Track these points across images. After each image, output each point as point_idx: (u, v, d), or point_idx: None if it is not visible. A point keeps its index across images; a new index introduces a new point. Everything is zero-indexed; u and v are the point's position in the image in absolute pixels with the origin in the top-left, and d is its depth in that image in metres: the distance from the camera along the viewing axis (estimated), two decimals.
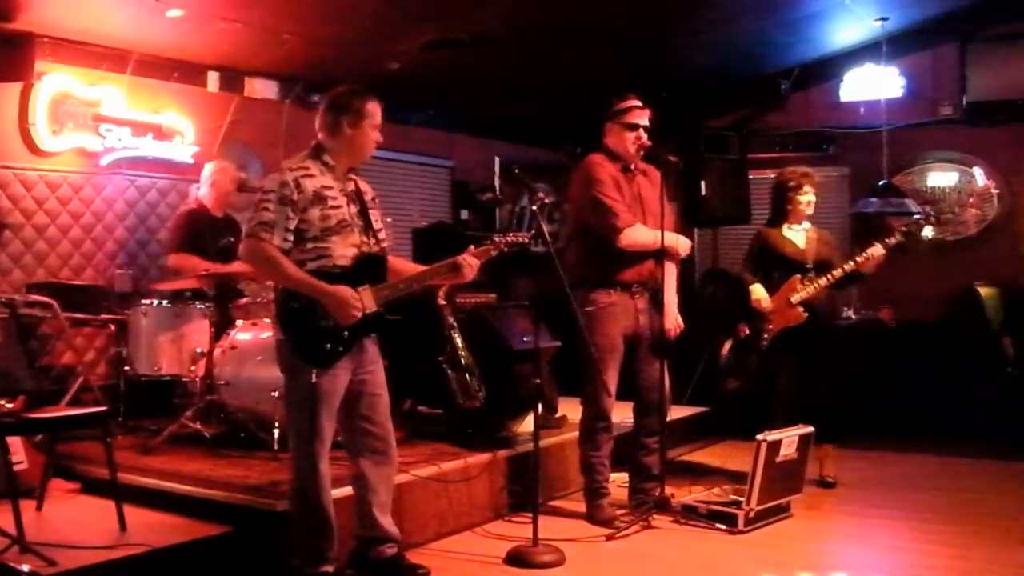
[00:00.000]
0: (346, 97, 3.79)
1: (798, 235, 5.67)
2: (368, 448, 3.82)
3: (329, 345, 3.63)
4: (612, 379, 4.76)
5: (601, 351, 4.68)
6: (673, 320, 4.89)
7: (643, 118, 4.85)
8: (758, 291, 5.58)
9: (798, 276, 5.52)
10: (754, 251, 5.76)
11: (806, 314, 5.49)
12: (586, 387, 4.83)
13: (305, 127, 3.87)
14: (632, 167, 4.89)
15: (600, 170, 4.80)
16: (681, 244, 4.91)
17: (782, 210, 5.70)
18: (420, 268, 3.97)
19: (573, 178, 4.94)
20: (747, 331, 5.65)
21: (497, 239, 4.00)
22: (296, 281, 3.62)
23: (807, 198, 5.64)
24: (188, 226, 5.83)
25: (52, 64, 5.92)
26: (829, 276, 5.47)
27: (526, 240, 4.11)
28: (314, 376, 3.59)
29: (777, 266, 5.60)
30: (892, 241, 5.46)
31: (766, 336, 5.56)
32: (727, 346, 5.80)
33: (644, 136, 4.83)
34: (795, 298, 5.49)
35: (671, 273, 4.90)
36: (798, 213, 5.66)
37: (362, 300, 3.67)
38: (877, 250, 5.41)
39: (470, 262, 3.86)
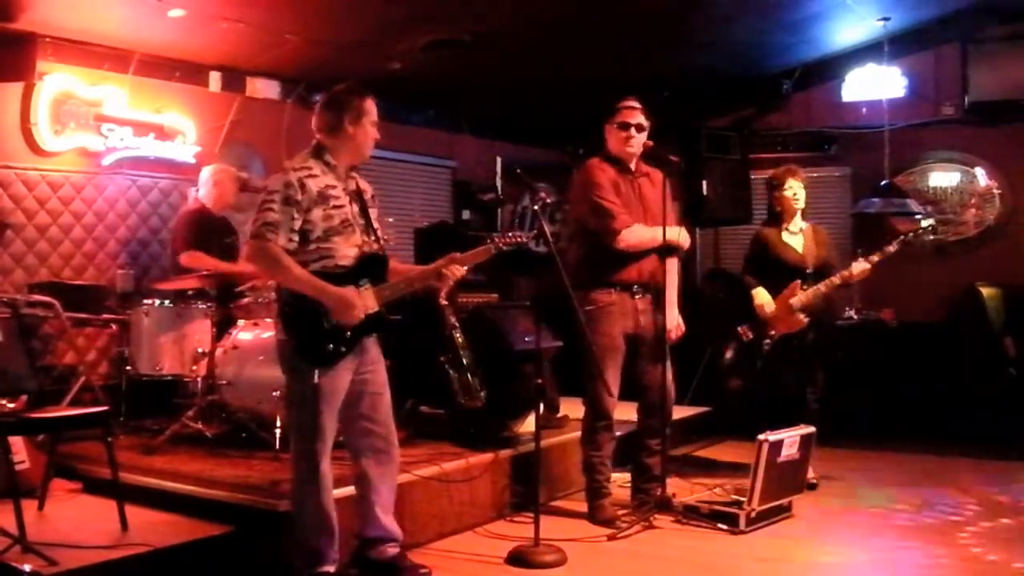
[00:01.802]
0: (345, 96, 3.79)
1: (796, 238, 5.68)
2: (370, 448, 3.82)
3: (331, 345, 3.64)
4: (613, 379, 4.76)
5: (602, 350, 4.68)
6: (673, 321, 4.90)
7: (634, 116, 4.85)
8: (762, 295, 5.58)
9: (798, 282, 5.53)
10: (754, 253, 5.75)
11: (807, 320, 5.53)
12: (587, 387, 4.83)
13: (307, 127, 3.87)
14: (633, 168, 4.90)
15: (598, 174, 4.82)
16: (681, 237, 4.92)
17: (774, 210, 5.74)
18: (412, 270, 3.98)
19: (574, 181, 4.98)
20: (749, 335, 5.65)
21: (496, 239, 4.00)
22: (302, 282, 3.62)
23: (791, 192, 5.65)
24: (195, 224, 5.85)
25: (54, 64, 5.92)
26: (826, 284, 5.50)
27: (523, 240, 4.10)
28: (316, 376, 3.60)
29: (778, 271, 5.59)
30: (876, 258, 5.46)
31: (768, 341, 5.57)
32: (730, 350, 5.79)
33: (636, 134, 4.82)
34: (796, 304, 5.52)
35: (672, 273, 4.91)
36: (790, 210, 5.67)
37: (364, 300, 3.68)
38: (861, 265, 5.44)
39: (454, 272, 3.85)
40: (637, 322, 4.82)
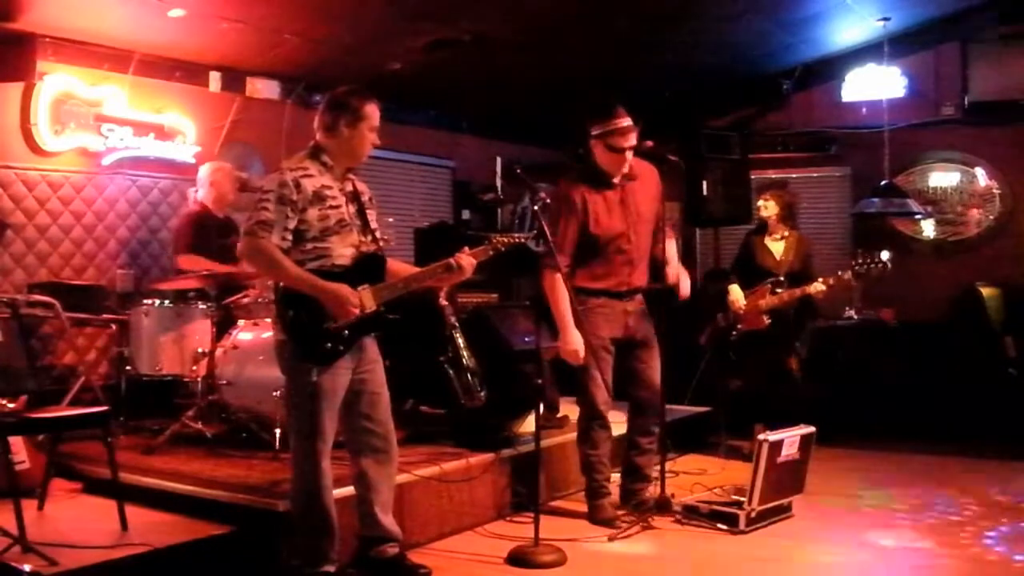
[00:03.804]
0: (345, 97, 3.80)
1: (778, 245, 6.19)
2: (369, 447, 3.82)
3: (329, 344, 3.64)
4: (605, 378, 4.74)
5: (593, 350, 4.65)
6: (675, 273, 4.83)
7: (628, 140, 4.67)
8: (735, 291, 6.15)
9: (768, 286, 6.02)
10: (739, 255, 6.45)
11: (769, 321, 6.00)
12: (581, 387, 4.82)
13: (306, 127, 3.88)
14: (617, 181, 4.78)
15: (563, 207, 4.68)
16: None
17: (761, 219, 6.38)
18: (416, 270, 3.98)
19: (553, 196, 4.79)
20: (723, 323, 6.24)
21: (495, 239, 4.00)
22: (294, 278, 3.63)
23: (761, 205, 6.27)
24: (194, 227, 5.85)
25: (54, 64, 5.92)
26: (789, 293, 5.94)
27: (523, 241, 4.09)
28: (315, 375, 3.60)
29: (755, 273, 6.16)
30: (832, 281, 5.82)
31: (735, 333, 6.14)
32: (706, 334, 6.38)
33: (629, 157, 4.70)
34: (762, 306, 6.00)
35: (671, 246, 4.90)
36: (765, 222, 6.26)
37: (361, 299, 3.68)
38: (818, 286, 5.82)
39: (466, 261, 3.85)
40: (626, 324, 4.80)
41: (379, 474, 3.83)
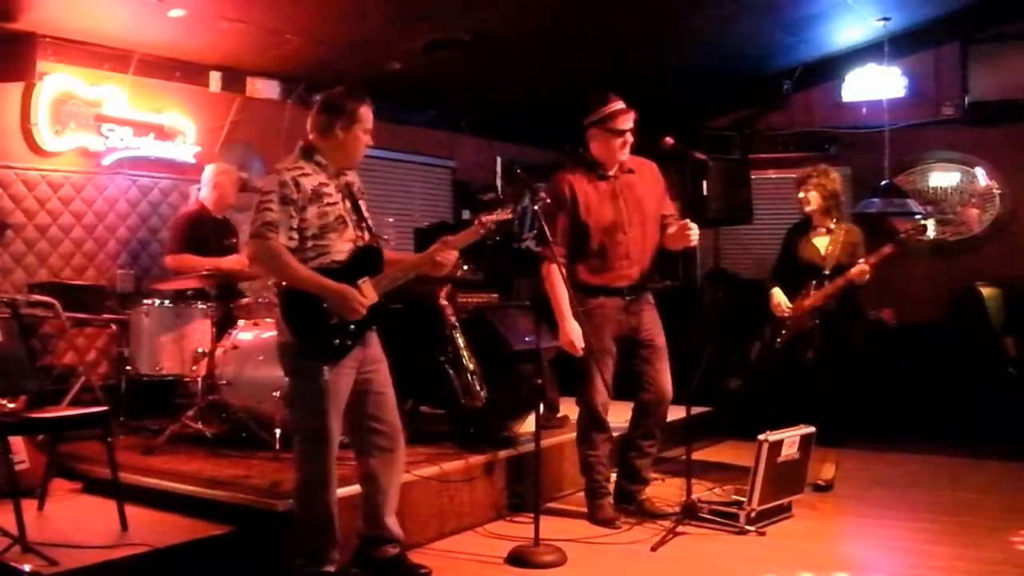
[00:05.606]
0: (339, 99, 3.79)
1: (823, 239, 5.62)
2: (377, 447, 3.82)
3: (337, 340, 3.65)
4: (606, 379, 4.73)
5: (594, 352, 4.63)
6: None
7: (627, 121, 4.68)
8: (778, 295, 5.62)
9: (812, 283, 5.52)
10: (780, 252, 5.82)
11: (816, 321, 5.49)
12: (580, 387, 4.82)
13: (306, 127, 3.88)
14: (613, 173, 4.77)
15: (552, 205, 4.63)
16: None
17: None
18: (406, 259, 3.98)
19: (547, 189, 4.79)
20: (769, 334, 5.70)
21: (482, 219, 3.95)
22: (304, 279, 3.63)
23: (802, 198, 5.61)
24: (189, 228, 5.84)
25: (54, 64, 5.93)
26: (832, 286, 5.45)
27: (507, 218, 4.02)
28: (326, 373, 3.60)
29: (798, 271, 5.62)
30: (873, 260, 5.35)
31: (780, 340, 5.61)
32: (755, 348, 5.85)
33: (630, 139, 4.71)
34: (806, 304, 5.51)
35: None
36: (809, 213, 5.64)
37: (364, 293, 3.69)
38: (860, 267, 5.33)
39: (446, 255, 3.85)
40: (629, 323, 4.79)
41: (386, 474, 3.83)
